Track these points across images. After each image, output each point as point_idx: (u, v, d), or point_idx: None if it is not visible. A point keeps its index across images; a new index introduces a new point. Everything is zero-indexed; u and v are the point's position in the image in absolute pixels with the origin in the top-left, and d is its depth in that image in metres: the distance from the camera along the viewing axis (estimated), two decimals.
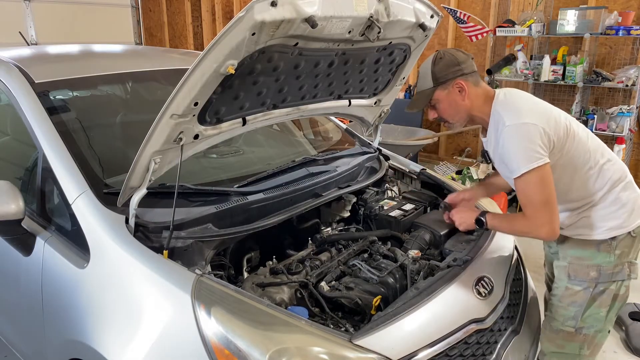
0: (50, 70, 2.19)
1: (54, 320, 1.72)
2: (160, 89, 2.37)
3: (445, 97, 1.79)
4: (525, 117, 1.66)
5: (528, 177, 1.62)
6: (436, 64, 1.77)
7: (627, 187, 1.78)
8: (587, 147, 1.74)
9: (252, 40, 1.40)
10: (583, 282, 1.77)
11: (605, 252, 1.76)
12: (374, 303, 1.63)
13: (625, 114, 4.34)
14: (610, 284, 1.76)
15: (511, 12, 5.20)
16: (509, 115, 1.68)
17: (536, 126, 1.63)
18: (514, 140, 1.65)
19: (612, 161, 1.78)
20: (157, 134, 1.48)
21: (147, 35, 8.91)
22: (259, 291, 1.64)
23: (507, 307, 1.80)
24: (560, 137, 1.68)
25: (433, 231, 2.09)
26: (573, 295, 1.78)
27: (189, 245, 1.61)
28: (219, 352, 1.30)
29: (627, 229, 1.74)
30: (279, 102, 1.87)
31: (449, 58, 1.77)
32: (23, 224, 1.70)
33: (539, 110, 1.70)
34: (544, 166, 1.62)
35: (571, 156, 1.72)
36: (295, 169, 2.14)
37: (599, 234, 1.75)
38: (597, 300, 1.76)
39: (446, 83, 1.76)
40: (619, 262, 1.76)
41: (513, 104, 1.73)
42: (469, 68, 1.78)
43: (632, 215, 1.76)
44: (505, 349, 1.72)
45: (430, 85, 1.78)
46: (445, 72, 1.76)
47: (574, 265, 1.79)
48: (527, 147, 1.62)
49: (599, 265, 1.76)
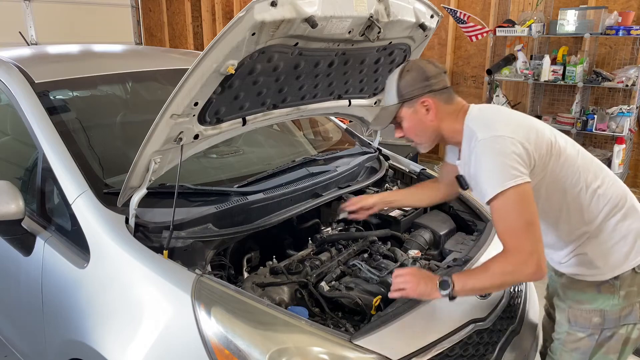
0: (50, 70, 2.19)
1: (54, 320, 1.72)
2: (160, 89, 2.37)
3: (411, 116, 1.60)
4: (500, 129, 1.44)
5: (505, 198, 1.37)
6: (402, 78, 1.59)
7: (628, 215, 1.53)
8: (577, 166, 1.52)
9: (252, 40, 1.40)
10: (586, 329, 1.56)
11: (608, 294, 1.53)
12: (374, 303, 1.62)
13: (625, 114, 4.34)
14: (619, 329, 1.54)
15: (511, 12, 5.20)
16: (482, 129, 1.47)
17: (513, 139, 1.41)
18: (487, 156, 1.42)
19: (607, 183, 1.54)
20: (157, 134, 1.48)
21: (147, 35, 8.91)
22: (259, 291, 1.64)
23: (507, 307, 1.80)
24: (543, 155, 1.47)
25: (433, 231, 2.09)
26: (576, 341, 1.59)
27: (189, 245, 1.61)
28: (219, 352, 1.30)
29: (631, 265, 1.51)
30: (279, 102, 1.87)
31: (416, 72, 1.58)
32: (23, 224, 1.70)
33: (517, 123, 1.49)
34: (524, 185, 1.38)
35: (557, 177, 1.50)
36: (295, 169, 2.14)
37: (599, 274, 1.53)
38: (604, 347, 1.56)
39: (412, 100, 1.58)
40: (627, 303, 1.53)
41: (487, 117, 1.53)
42: (439, 84, 1.58)
43: (635, 249, 1.51)
44: (505, 349, 1.72)
45: (394, 101, 1.61)
46: (412, 88, 1.57)
47: (574, 310, 1.59)
48: (503, 163, 1.39)
49: (602, 310, 1.53)
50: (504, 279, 1.42)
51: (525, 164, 1.41)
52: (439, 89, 1.58)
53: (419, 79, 1.58)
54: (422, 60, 1.67)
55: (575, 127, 4.53)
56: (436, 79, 1.58)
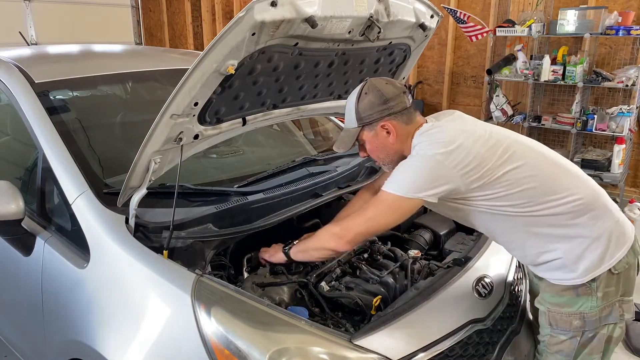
0: (50, 70, 2.19)
1: (54, 320, 1.72)
2: (160, 89, 2.37)
3: (372, 139, 1.61)
4: (435, 149, 1.46)
5: (390, 197, 1.48)
6: (360, 101, 1.58)
7: (600, 215, 1.51)
8: (543, 172, 1.51)
9: (252, 40, 1.40)
10: (567, 332, 1.57)
11: (586, 295, 1.52)
12: (374, 303, 1.62)
13: (625, 114, 4.33)
14: (600, 329, 1.55)
15: (511, 12, 5.20)
16: (421, 145, 1.51)
17: (442, 163, 1.44)
18: (412, 160, 1.51)
19: (577, 187, 1.52)
20: (157, 134, 1.48)
21: (147, 35, 8.90)
22: (259, 291, 1.64)
23: (507, 307, 1.80)
24: (484, 174, 1.46)
25: (433, 231, 2.09)
26: (559, 344, 1.60)
27: (189, 245, 1.61)
28: (218, 352, 1.30)
29: (606, 266, 1.50)
30: (279, 102, 1.87)
31: (374, 95, 1.56)
32: (23, 224, 1.70)
33: (458, 145, 1.46)
34: (413, 200, 1.46)
35: (512, 195, 1.48)
36: (295, 169, 2.14)
37: (575, 278, 1.51)
38: (587, 347, 1.56)
39: (372, 124, 1.58)
40: (606, 304, 1.52)
41: (432, 134, 1.52)
42: (398, 105, 1.56)
43: (609, 249, 1.50)
44: (505, 349, 1.72)
45: (354, 125, 1.61)
46: (371, 112, 1.57)
47: (553, 313, 1.58)
48: (415, 174, 1.47)
49: (582, 312, 1.53)
50: (317, 245, 1.60)
51: (439, 186, 1.45)
52: (399, 110, 1.57)
53: (377, 103, 1.56)
54: (380, 80, 1.62)
55: (575, 127, 4.53)
56: (395, 101, 1.57)
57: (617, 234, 1.53)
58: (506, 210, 1.51)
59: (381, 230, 1.60)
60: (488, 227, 1.62)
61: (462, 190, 1.48)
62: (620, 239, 1.53)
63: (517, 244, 1.60)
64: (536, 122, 4.83)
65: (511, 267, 1.95)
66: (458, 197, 1.52)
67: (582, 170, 1.64)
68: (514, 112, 4.99)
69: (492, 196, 1.49)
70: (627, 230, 1.57)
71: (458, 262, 1.80)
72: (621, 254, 1.52)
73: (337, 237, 1.54)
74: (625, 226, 1.57)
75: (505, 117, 4.96)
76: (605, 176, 4.32)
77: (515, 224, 1.54)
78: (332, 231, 1.58)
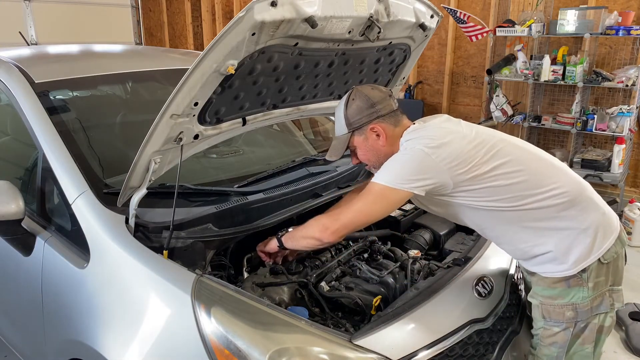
0: (50, 70, 2.19)
1: (54, 320, 1.72)
2: (160, 89, 2.37)
3: (363, 143, 1.66)
4: (423, 142, 1.52)
5: (379, 187, 1.52)
6: (349, 108, 1.65)
7: (586, 207, 1.55)
8: (529, 167, 1.55)
9: (252, 40, 1.40)
10: (560, 324, 1.61)
11: (577, 286, 1.56)
12: (374, 303, 1.63)
13: (625, 114, 4.33)
14: (592, 319, 1.59)
15: (511, 12, 5.20)
16: (410, 142, 1.56)
17: (429, 156, 1.49)
18: (401, 155, 1.56)
19: (562, 180, 1.56)
20: (157, 134, 1.48)
21: (147, 35, 8.90)
22: (259, 291, 1.64)
23: (507, 307, 1.80)
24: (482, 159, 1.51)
25: (433, 231, 2.09)
26: (552, 336, 1.63)
27: (189, 245, 1.61)
28: (218, 352, 1.30)
29: (595, 256, 1.54)
30: (279, 102, 1.87)
31: (361, 100, 1.64)
32: (23, 224, 1.70)
33: (442, 143, 1.52)
34: (400, 192, 1.50)
35: (498, 191, 1.52)
36: (295, 169, 2.14)
37: (566, 269, 1.55)
38: (580, 337, 1.61)
39: (361, 128, 1.64)
40: (597, 294, 1.57)
41: (420, 132, 1.59)
42: (385, 108, 1.64)
43: (597, 240, 1.54)
44: (505, 349, 1.72)
45: (344, 131, 1.67)
46: (359, 116, 1.63)
47: (546, 306, 1.62)
48: (403, 167, 1.52)
49: (574, 303, 1.57)
50: (306, 234, 1.63)
51: (429, 178, 1.50)
52: (386, 113, 1.64)
53: (365, 107, 1.63)
54: (366, 87, 1.71)
55: (575, 127, 4.53)
56: (382, 104, 1.64)
57: (604, 225, 1.57)
58: (495, 205, 1.55)
59: (368, 222, 1.61)
60: (478, 222, 1.65)
61: (450, 185, 1.52)
62: (607, 229, 1.58)
63: (506, 238, 1.63)
64: (536, 122, 4.83)
65: (511, 267, 1.95)
66: (447, 192, 1.55)
67: (582, 170, 1.67)
68: (514, 112, 4.99)
69: (480, 191, 1.53)
70: (613, 222, 1.62)
71: (458, 262, 1.80)
72: (609, 244, 1.56)
73: (324, 227, 1.58)
74: (612, 217, 1.62)
75: (505, 117, 4.95)
76: (605, 176, 4.31)
77: (504, 218, 1.58)
78: (320, 221, 1.62)
